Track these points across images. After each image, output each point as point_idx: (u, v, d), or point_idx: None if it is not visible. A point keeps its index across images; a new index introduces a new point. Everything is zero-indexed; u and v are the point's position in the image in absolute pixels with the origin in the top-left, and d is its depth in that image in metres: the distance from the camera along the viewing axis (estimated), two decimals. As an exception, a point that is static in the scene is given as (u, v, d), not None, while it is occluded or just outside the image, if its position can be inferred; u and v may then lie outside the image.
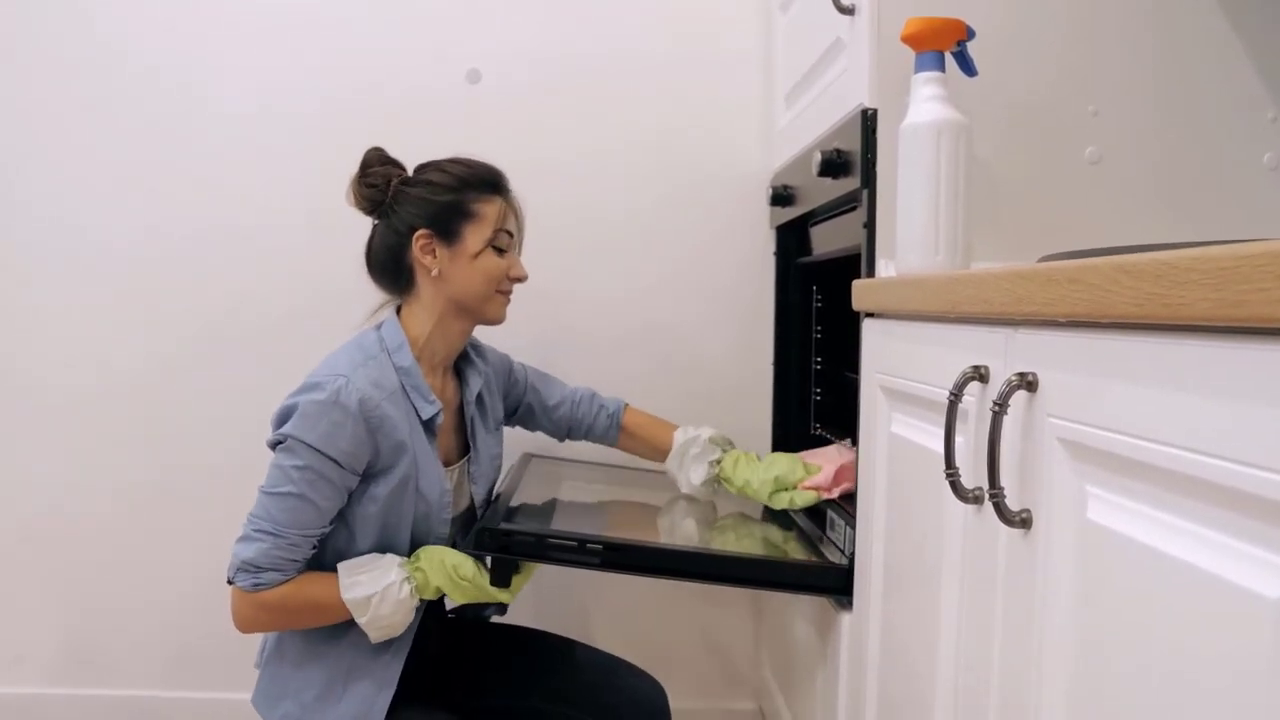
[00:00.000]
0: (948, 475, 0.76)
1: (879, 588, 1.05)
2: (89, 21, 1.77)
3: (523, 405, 1.52)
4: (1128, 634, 0.55)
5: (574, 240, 1.79)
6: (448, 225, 1.24)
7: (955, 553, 0.82)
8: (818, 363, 1.68)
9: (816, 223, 1.51)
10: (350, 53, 1.77)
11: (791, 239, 1.71)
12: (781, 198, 1.61)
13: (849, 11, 1.19)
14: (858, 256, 1.16)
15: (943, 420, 0.76)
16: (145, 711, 1.82)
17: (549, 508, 1.42)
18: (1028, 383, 0.66)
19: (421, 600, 1.18)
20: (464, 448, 1.34)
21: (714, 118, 1.79)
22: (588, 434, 1.54)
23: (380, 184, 1.26)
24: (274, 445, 1.15)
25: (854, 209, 1.21)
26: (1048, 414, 0.65)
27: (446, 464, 1.29)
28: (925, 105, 0.98)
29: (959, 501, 0.76)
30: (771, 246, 1.77)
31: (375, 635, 1.16)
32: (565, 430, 1.55)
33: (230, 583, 1.15)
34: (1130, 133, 1.14)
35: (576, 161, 1.79)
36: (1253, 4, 1.14)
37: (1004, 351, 0.71)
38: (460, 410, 1.34)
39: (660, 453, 1.50)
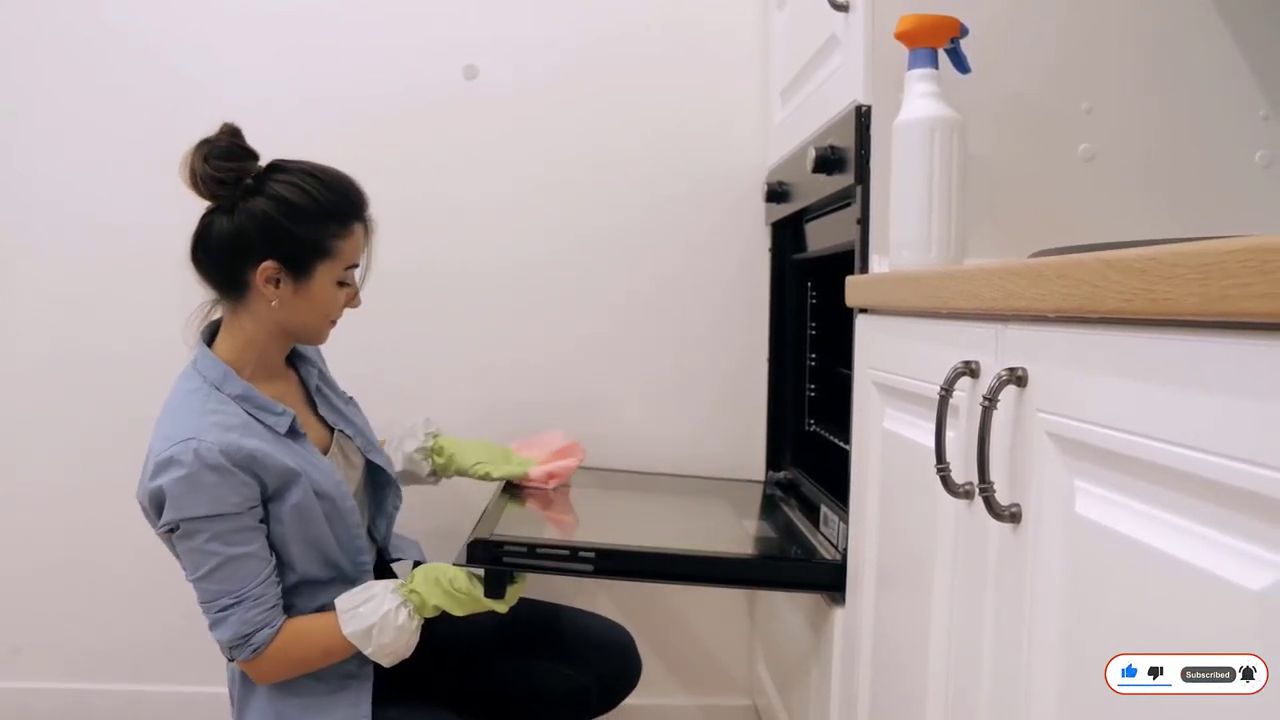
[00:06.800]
0: (939, 470, 0.76)
1: (872, 583, 1.06)
2: (96, 9, 1.77)
3: None
4: (1115, 626, 0.56)
5: (569, 235, 1.80)
6: (301, 261, 1.13)
7: (946, 547, 0.82)
8: (812, 359, 1.68)
9: (811, 219, 1.52)
10: (349, 47, 1.77)
11: (786, 235, 1.71)
12: (776, 194, 1.61)
13: (843, 8, 1.19)
14: (852, 253, 1.17)
15: (934, 415, 0.77)
16: (136, 705, 1.83)
17: (541, 515, 1.42)
18: (1017, 378, 0.67)
19: (423, 620, 1.16)
20: (330, 428, 1.29)
21: (710, 114, 1.79)
22: None
23: (230, 179, 1.11)
24: (169, 532, 1.09)
25: (848, 205, 1.21)
26: (1037, 409, 0.65)
27: (325, 451, 1.25)
28: (919, 102, 0.98)
29: (950, 496, 0.76)
30: (767, 243, 1.77)
31: (386, 662, 1.15)
32: None
33: (233, 661, 1.14)
34: (1123, 130, 1.14)
35: (572, 157, 1.79)
36: (1246, 1, 1.14)
37: (994, 347, 0.72)
38: (310, 399, 1.29)
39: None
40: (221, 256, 1.14)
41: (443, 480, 1.52)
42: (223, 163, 1.11)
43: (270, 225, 1.11)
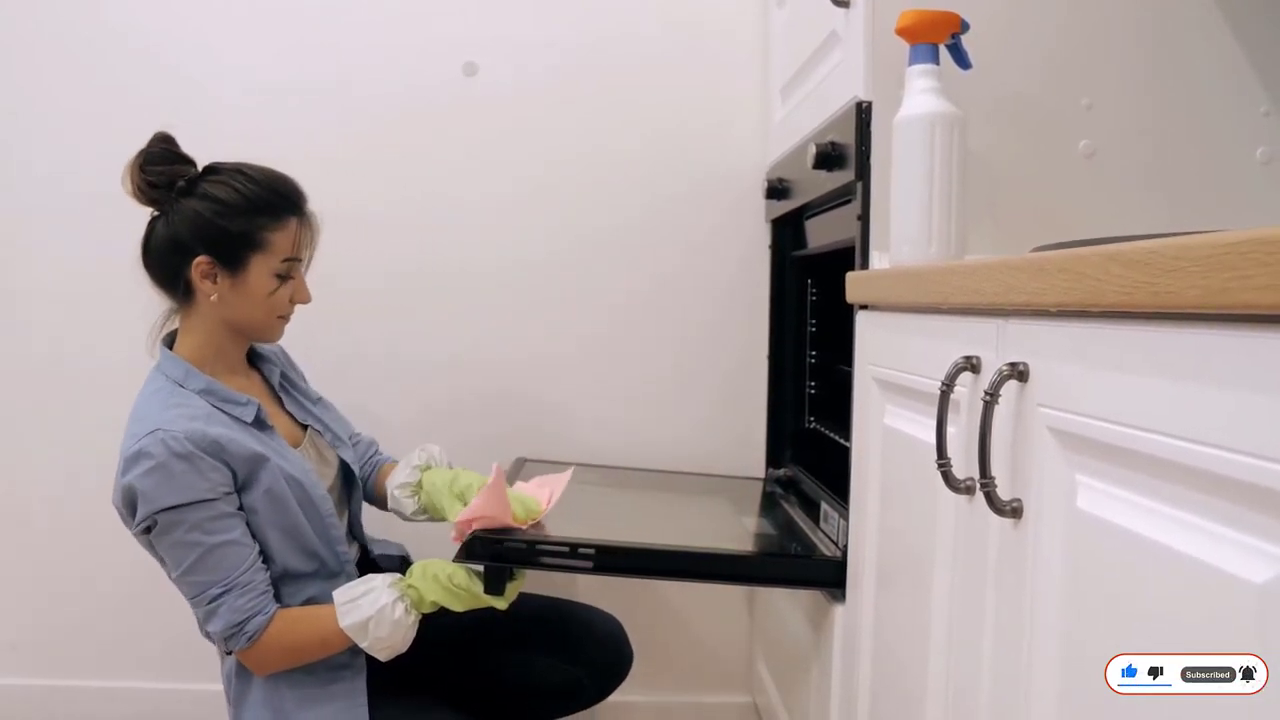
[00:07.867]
0: (939, 466, 0.76)
1: (872, 579, 1.05)
2: (96, 9, 1.77)
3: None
4: (1116, 620, 0.56)
5: (569, 235, 1.80)
6: (232, 254, 1.16)
7: (947, 543, 0.82)
8: (813, 356, 1.68)
9: (811, 216, 1.51)
10: (349, 47, 1.77)
11: (787, 232, 1.71)
12: (777, 191, 1.61)
13: (844, 5, 1.19)
14: (852, 249, 1.16)
15: (935, 411, 0.76)
16: (138, 703, 1.82)
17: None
18: (1019, 372, 0.67)
19: (420, 615, 1.16)
20: (301, 424, 1.30)
21: (710, 114, 1.79)
22: (363, 482, 1.42)
23: (162, 183, 1.16)
24: (145, 531, 1.10)
25: (849, 202, 1.21)
26: (1038, 403, 0.65)
27: (296, 446, 1.25)
28: (919, 98, 0.98)
29: (951, 492, 0.76)
30: (767, 239, 1.77)
31: (383, 656, 1.15)
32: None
33: (230, 654, 1.14)
34: (1123, 126, 1.14)
35: (572, 157, 1.79)
36: (1246, -2, 1.15)
37: (995, 342, 0.72)
38: (276, 395, 1.30)
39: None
40: (162, 258, 1.17)
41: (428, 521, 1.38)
42: (154, 167, 1.16)
43: (200, 222, 1.15)
